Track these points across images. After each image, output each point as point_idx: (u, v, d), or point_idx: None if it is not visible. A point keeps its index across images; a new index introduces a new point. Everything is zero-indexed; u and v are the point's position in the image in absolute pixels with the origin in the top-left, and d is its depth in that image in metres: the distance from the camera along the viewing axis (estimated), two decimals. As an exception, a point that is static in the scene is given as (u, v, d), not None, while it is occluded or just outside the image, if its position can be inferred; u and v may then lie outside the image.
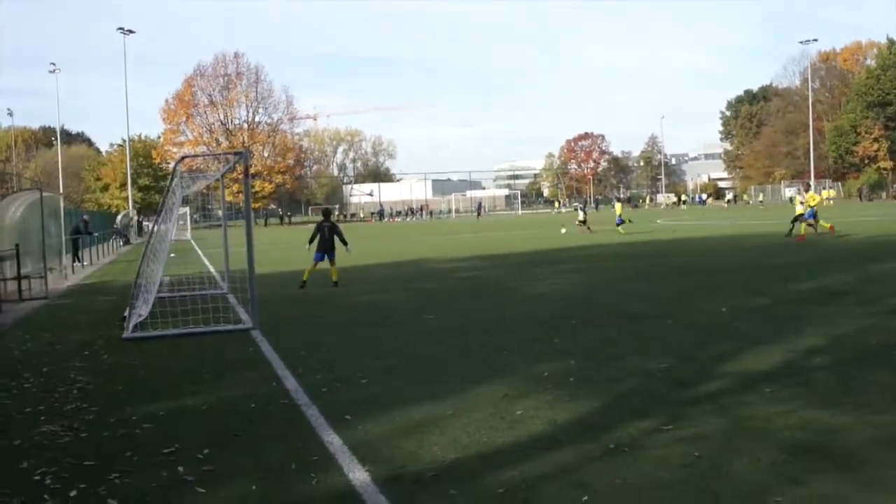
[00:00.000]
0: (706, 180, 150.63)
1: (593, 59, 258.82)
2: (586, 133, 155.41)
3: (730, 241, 30.00)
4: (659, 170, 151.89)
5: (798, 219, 29.39)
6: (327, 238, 19.20)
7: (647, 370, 8.59)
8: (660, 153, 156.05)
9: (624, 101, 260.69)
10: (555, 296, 15.64)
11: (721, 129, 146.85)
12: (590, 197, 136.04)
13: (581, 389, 7.89)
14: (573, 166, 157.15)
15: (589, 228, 40.69)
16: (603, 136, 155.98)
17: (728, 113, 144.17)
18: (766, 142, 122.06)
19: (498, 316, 13.21)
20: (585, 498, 5.06)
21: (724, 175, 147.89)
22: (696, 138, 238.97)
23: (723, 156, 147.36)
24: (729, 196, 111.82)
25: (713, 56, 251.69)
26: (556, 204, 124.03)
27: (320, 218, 20.25)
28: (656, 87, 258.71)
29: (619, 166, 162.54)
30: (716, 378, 8.13)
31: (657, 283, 16.95)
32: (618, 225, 39.01)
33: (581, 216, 42.82)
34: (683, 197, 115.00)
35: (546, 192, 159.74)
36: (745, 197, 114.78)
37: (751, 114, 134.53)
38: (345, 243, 19.62)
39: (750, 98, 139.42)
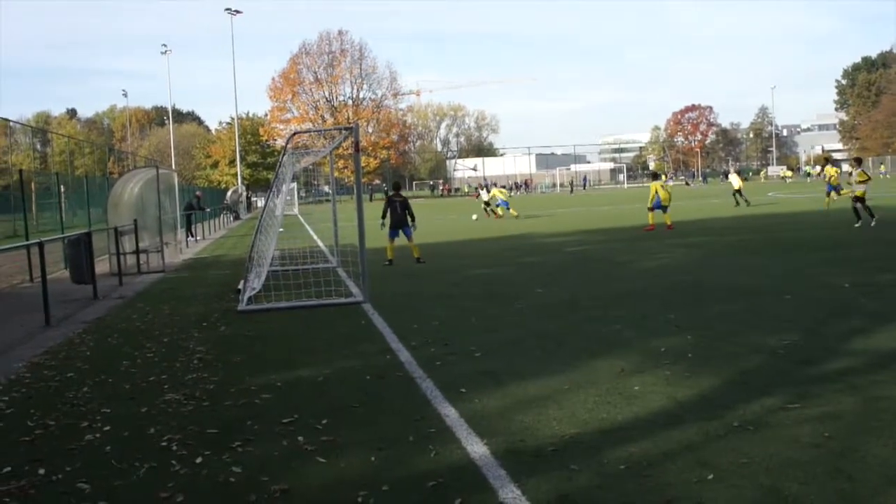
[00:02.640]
0: (819, 152, 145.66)
1: (701, 28, 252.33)
2: (693, 105, 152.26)
3: (848, 216, 28.88)
4: (770, 142, 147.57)
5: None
6: (399, 213, 18.94)
7: (769, 347, 8.31)
8: (770, 124, 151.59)
9: (733, 72, 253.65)
10: (667, 270, 15.34)
11: (836, 98, 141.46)
12: (697, 170, 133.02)
13: (700, 365, 7.69)
14: (680, 139, 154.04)
15: (494, 213, 39.61)
16: (711, 108, 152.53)
17: (844, 81, 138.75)
18: (885, 111, 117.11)
19: (609, 290, 13.02)
20: (710, 476, 4.90)
21: (839, 146, 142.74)
22: (809, 109, 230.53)
23: (838, 126, 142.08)
24: (846, 168, 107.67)
25: (827, 22, 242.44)
26: (664, 177, 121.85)
27: (390, 193, 19.97)
28: (767, 56, 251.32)
29: (728, 139, 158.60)
30: (843, 356, 7.81)
31: (773, 258, 16.44)
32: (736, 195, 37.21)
33: (485, 196, 41.34)
34: (783, 171, 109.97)
35: (652, 166, 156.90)
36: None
37: (869, 82, 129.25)
38: (412, 219, 19.30)
39: (868, 65, 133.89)
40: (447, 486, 5.00)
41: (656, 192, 25.95)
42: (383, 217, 19.04)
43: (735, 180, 40.04)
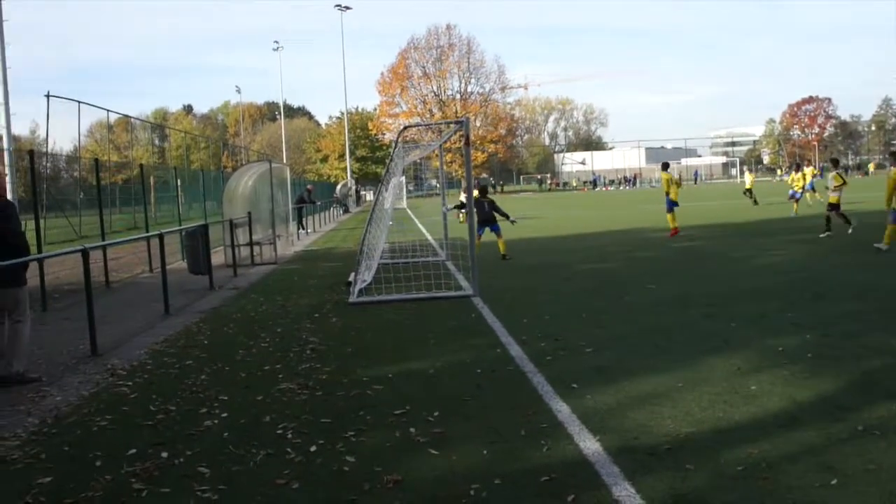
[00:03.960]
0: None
1: (818, 14, 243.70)
2: (811, 97, 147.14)
3: None
4: (893, 134, 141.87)
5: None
6: (486, 212, 18.77)
7: (893, 347, 7.99)
8: (894, 116, 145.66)
9: (853, 61, 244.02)
10: (783, 267, 14.90)
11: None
12: (815, 163, 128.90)
13: (821, 366, 7.44)
14: (796, 132, 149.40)
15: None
16: (829, 100, 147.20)
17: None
18: None
19: (723, 287, 12.72)
20: (834, 481, 4.74)
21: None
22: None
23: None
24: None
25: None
26: (779, 171, 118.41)
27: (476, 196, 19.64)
28: (890, 45, 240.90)
29: (847, 131, 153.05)
30: (975, 358, 7.46)
31: (893, 256, 15.77)
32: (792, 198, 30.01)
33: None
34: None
35: (766, 160, 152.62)
36: None
37: None
38: (505, 216, 19.12)
39: None
40: (560, 482, 4.97)
41: (668, 190, 23.49)
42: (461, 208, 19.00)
43: (747, 179, 39.27)
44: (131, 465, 5.66)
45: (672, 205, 23.24)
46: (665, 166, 25.11)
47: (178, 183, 24.68)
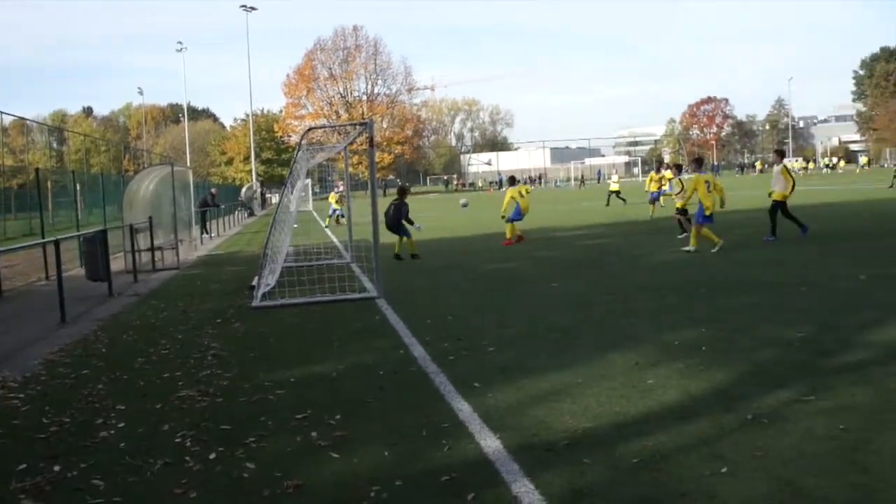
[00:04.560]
0: (836, 143, 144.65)
1: (717, 20, 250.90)
2: (709, 97, 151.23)
3: (864, 207, 28.74)
4: (786, 133, 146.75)
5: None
6: (392, 216, 18.88)
7: (784, 339, 8.27)
8: (787, 116, 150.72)
9: (748, 63, 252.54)
10: (682, 264, 15.28)
11: (854, 89, 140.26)
12: (714, 162, 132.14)
13: (714, 358, 7.65)
14: (695, 132, 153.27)
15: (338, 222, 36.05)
16: (727, 100, 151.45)
17: (862, 72, 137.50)
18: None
19: (624, 284, 12.98)
20: (724, 469, 4.88)
21: (857, 137, 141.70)
22: (826, 100, 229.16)
23: (855, 117, 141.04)
24: (863, 160, 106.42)
25: (845, 12, 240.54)
26: (680, 170, 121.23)
27: (395, 195, 19.86)
28: (783, 47, 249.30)
29: (744, 131, 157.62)
30: (859, 348, 7.77)
31: (788, 250, 16.36)
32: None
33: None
34: (798, 163, 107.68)
35: (667, 159, 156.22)
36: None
37: (887, 72, 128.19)
38: (410, 223, 19.22)
39: (886, 56, 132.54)
40: (460, 481, 5.00)
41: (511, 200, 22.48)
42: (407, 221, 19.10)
43: (614, 180, 39.69)
44: (21, 480, 5.48)
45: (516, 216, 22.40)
46: (512, 181, 24.21)
47: (77, 187, 24.04)
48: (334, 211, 37.20)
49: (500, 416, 6.28)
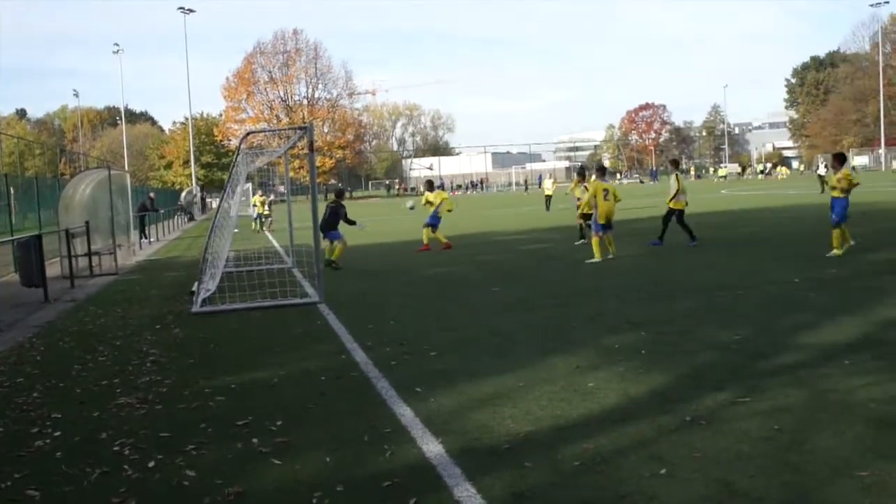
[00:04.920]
0: (770, 149, 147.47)
1: (654, 27, 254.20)
2: (647, 103, 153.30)
3: (798, 212, 29.33)
4: (722, 139, 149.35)
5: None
6: (327, 217, 18.23)
7: (721, 342, 8.42)
8: (722, 122, 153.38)
9: (685, 70, 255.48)
10: (622, 268, 15.45)
11: (786, 96, 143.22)
12: (653, 167, 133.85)
13: (654, 361, 7.76)
14: (634, 137, 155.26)
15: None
16: (664, 107, 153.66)
17: (793, 80, 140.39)
18: (833, 109, 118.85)
19: (565, 288, 13.10)
20: (663, 471, 4.96)
21: (790, 144, 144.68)
22: (760, 107, 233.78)
23: (788, 124, 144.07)
24: (795, 165, 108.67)
25: (777, 22, 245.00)
26: (618, 175, 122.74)
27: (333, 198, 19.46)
28: (718, 55, 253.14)
29: (681, 137, 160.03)
30: (793, 350, 7.94)
31: (725, 255, 16.67)
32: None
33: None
34: (723, 170, 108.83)
35: (607, 164, 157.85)
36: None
37: (818, 81, 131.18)
38: (352, 223, 19.11)
39: (816, 65, 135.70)
40: (402, 486, 5.00)
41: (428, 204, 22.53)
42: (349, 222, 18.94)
43: (549, 184, 40.20)
44: (-47, 490, 5.37)
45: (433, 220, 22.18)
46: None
47: (11, 191, 23.53)
48: (259, 216, 36.77)
49: (442, 420, 6.29)
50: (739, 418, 5.87)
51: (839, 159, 15.63)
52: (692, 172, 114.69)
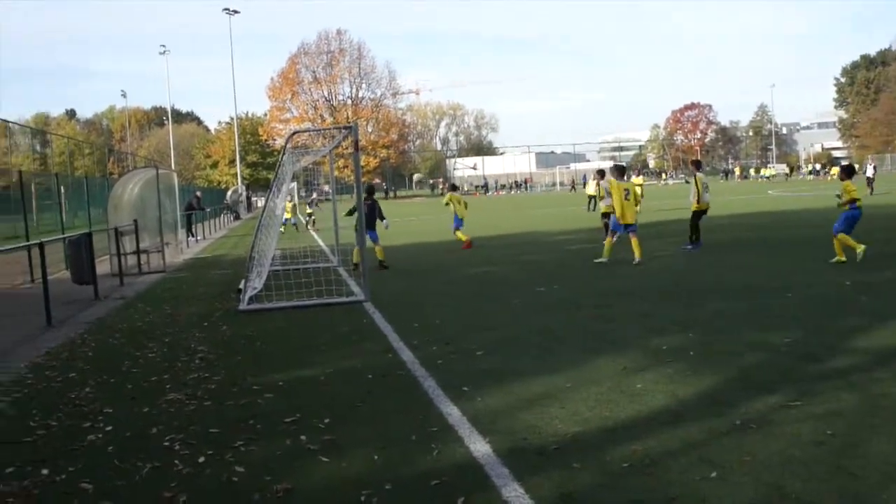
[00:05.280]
0: (819, 150, 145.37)
1: (701, 26, 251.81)
2: (693, 103, 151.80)
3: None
4: (769, 140, 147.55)
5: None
6: (368, 215, 17.60)
7: (771, 344, 8.32)
8: (770, 122, 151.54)
9: (732, 70, 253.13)
10: (667, 268, 15.33)
11: (836, 96, 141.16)
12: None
13: (702, 363, 7.69)
14: (679, 137, 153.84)
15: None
16: (710, 106, 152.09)
17: (843, 80, 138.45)
18: (884, 109, 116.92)
19: (611, 288, 13.02)
20: (714, 474, 4.91)
21: (839, 144, 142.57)
22: (809, 107, 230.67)
23: (837, 124, 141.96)
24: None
25: (826, 20, 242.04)
26: (663, 175, 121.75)
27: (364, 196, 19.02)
28: (767, 54, 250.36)
29: (727, 137, 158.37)
30: (845, 353, 7.82)
31: (772, 256, 16.46)
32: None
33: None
34: (768, 170, 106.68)
35: (652, 164, 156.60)
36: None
37: (868, 80, 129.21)
38: (382, 219, 18.74)
39: (867, 63, 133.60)
40: (450, 485, 5.01)
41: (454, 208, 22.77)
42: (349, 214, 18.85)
43: (591, 186, 38.07)
44: (8, 483, 5.46)
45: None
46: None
47: (62, 190, 23.91)
48: (287, 220, 35.37)
49: (489, 419, 6.29)
50: (791, 422, 5.79)
51: (846, 171, 15.78)
52: (737, 172, 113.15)
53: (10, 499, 5.18)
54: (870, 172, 40.89)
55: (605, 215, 19.72)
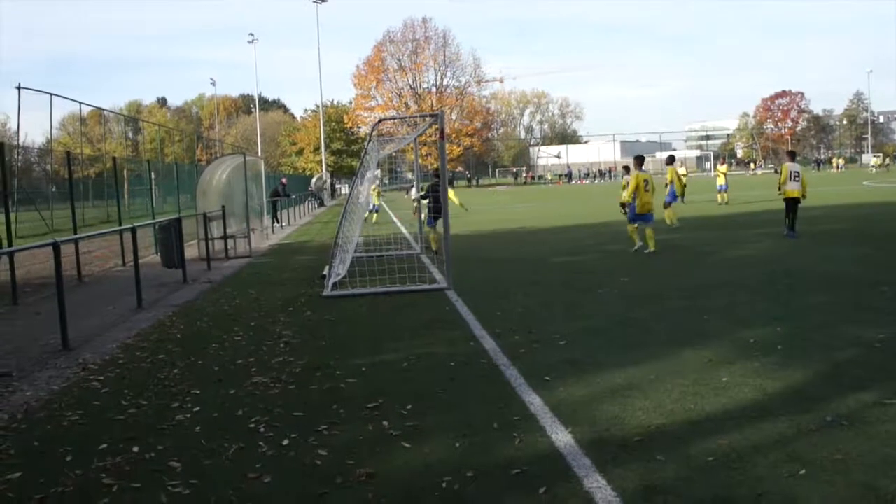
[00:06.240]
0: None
1: (791, 10, 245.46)
2: (784, 91, 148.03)
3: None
4: (864, 128, 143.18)
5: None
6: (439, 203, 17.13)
7: (865, 339, 8.06)
8: (866, 110, 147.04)
9: (826, 56, 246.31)
10: (756, 260, 15.01)
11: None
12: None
13: (791, 357, 7.50)
14: (769, 126, 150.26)
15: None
16: (802, 94, 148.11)
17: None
18: None
19: (696, 279, 12.80)
20: (803, 471, 4.79)
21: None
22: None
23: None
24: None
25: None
26: (752, 165, 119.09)
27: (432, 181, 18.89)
28: (862, 39, 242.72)
29: (820, 125, 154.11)
30: (943, 349, 7.55)
31: (868, 248, 15.96)
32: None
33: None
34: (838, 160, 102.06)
35: (740, 153, 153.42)
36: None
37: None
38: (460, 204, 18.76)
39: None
40: (532, 474, 4.98)
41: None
42: (424, 198, 18.94)
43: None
44: (102, 460, 5.63)
45: (673, 198, 23.53)
46: (671, 160, 25.49)
47: (152, 176, 24.51)
48: (374, 207, 33.53)
49: (571, 410, 6.24)
50: (885, 420, 5.61)
51: None
52: (833, 163, 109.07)
53: (104, 474, 5.33)
54: None
55: (623, 205, 20.23)
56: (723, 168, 33.59)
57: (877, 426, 5.50)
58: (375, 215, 33.11)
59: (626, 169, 23.24)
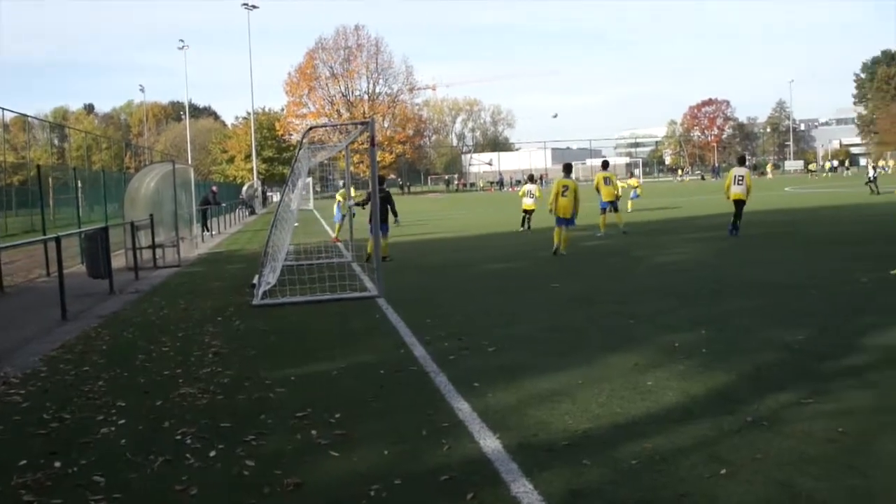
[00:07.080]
0: (837, 146, 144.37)
1: (717, 22, 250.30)
2: (710, 99, 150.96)
3: (867, 211, 28.70)
4: (786, 136, 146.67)
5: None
6: (383, 209, 17.45)
7: (784, 342, 8.28)
8: (788, 119, 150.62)
9: (750, 66, 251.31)
10: (683, 265, 15.29)
11: (855, 92, 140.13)
12: (715, 164, 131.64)
13: (714, 360, 7.66)
14: (696, 133, 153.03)
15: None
16: (728, 102, 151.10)
17: (863, 75, 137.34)
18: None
19: (625, 285, 13.00)
20: (724, 471, 4.89)
21: (858, 140, 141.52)
22: (827, 103, 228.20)
23: (856, 121, 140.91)
24: (863, 162, 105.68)
25: (845, 15, 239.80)
26: (680, 172, 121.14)
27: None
28: (784, 50, 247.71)
29: (745, 133, 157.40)
30: (859, 352, 7.78)
31: (789, 253, 16.40)
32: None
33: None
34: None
35: (668, 160, 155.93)
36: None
37: (888, 75, 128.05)
38: (395, 214, 18.84)
39: (888, 59, 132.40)
40: (459, 480, 5.01)
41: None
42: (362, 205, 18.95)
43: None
44: (22, 475, 5.49)
45: (604, 205, 24.17)
46: (603, 166, 26.65)
47: (79, 184, 24.04)
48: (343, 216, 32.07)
49: (499, 415, 6.28)
50: (803, 420, 5.77)
51: None
52: (769, 170, 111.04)
53: (23, 490, 5.21)
54: (871, 173, 40.17)
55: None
56: (633, 181, 35.84)
57: (795, 425, 5.64)
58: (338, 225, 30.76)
59: (531, 178, 27.29)
